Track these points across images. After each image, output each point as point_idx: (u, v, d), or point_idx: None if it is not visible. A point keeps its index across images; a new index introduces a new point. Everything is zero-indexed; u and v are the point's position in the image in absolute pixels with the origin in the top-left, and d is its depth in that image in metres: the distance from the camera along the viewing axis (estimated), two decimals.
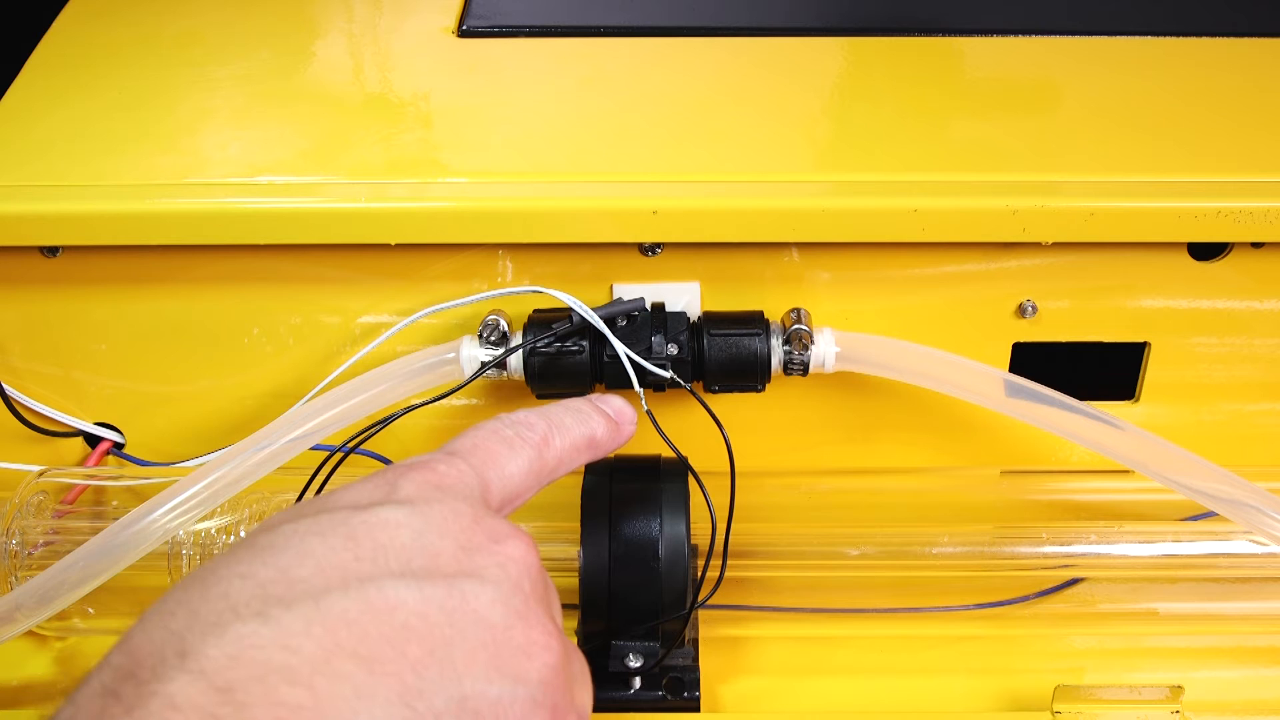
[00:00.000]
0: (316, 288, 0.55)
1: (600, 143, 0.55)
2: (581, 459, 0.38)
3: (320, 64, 0.62)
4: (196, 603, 0.27)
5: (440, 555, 0.30)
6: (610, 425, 0.39)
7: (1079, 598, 0.54)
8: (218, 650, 0.26)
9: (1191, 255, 0.54)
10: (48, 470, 0.55)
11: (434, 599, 0.29)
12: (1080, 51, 0.62)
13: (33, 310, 0.56)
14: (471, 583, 0.30)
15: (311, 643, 0.26)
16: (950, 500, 0.56)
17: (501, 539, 0.31)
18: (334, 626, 0.27)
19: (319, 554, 0.29)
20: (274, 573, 0.28)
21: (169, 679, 0.25)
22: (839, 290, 0.55)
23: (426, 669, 0.28)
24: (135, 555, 0.48)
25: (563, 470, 0.38)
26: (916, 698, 0.53)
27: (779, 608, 0.54)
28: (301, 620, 0.27)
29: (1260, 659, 0.55)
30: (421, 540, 0.30)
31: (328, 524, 0.30)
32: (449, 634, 0.28)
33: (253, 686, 0.25)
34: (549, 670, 0.30)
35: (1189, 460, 0.49)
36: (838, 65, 0.62)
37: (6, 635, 0.49)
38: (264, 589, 0.28)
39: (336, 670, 0.26)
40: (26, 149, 0.55)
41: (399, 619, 0.28)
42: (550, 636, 0.30)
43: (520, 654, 0.29)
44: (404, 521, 0.30)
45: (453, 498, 0.32)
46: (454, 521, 0.31)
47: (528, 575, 0.31)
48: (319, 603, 0.27)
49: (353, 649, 0.27)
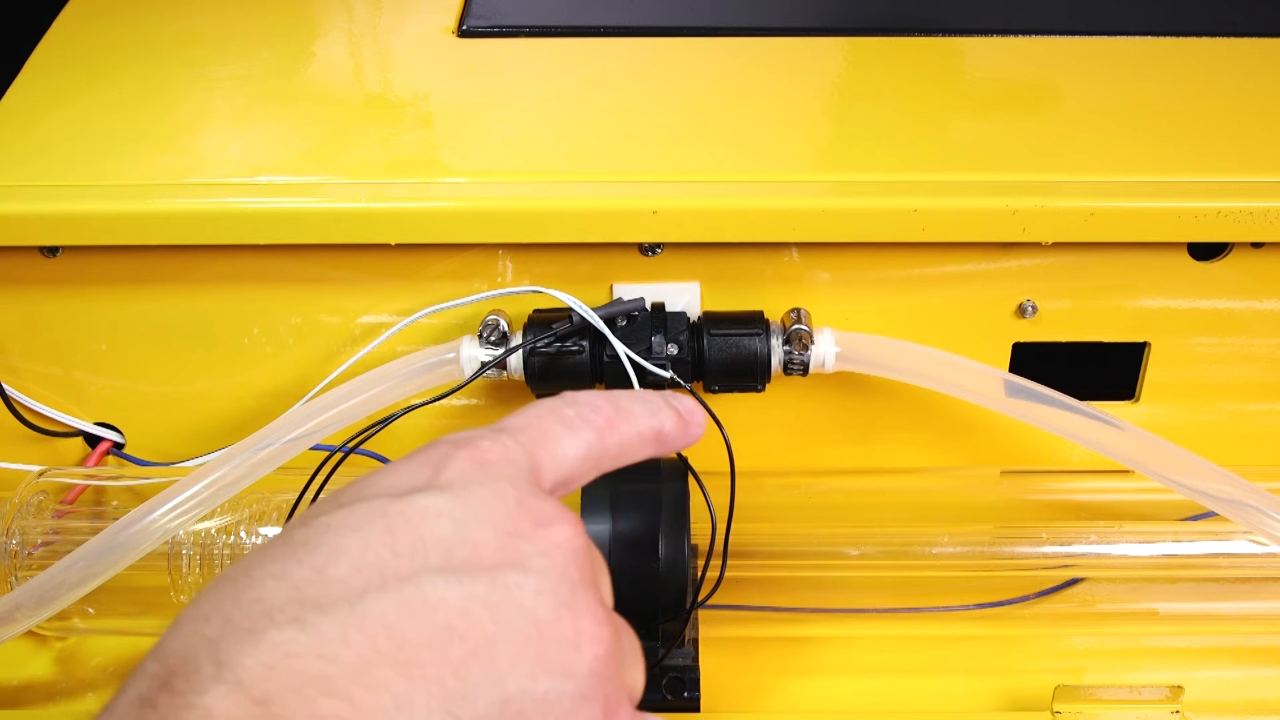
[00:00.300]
0: (316, 288, 0.55)
1: (600, 143, 0.55)
2: (645, 452, 0.36)
3: (320, 64, 0.62)
4: (230, 608, 0.27)
5: (482, 545, 0.29)
6: (680, 422, 0.37)
7: (1079, 598, 0.54)
8: (254, 660, 0.25)
9: (1191, 255, 0.54)
10: (48, 470, 0.55)
11: (476, 594, 0.28)
12: (1080, 51, 0.62)
13: (33, 310, 0.56)
14: (515, 574, 0.28)
15: (350, 650, 0.26)
16: (950, 500, 0.56)
17: (547, 522, 0.30)
18: (372, 631, 0.26)
19: (355, 551, 0.28)
20: (309, 572, 0.27)
21: (205, 690, 0.25)
22: (839, 290, 0.55)
23: (469, 670, 0.27)
24: (135, 555, 0.48)
25: (624, 459, 0.35)
26: (916, 698, 0.53)
27: (779, 608, 0.54)
28: (339, 626, 0.26)
29: (1260, 659, 0.55)
30: (462, 530, 0.29)
31: (364, 516, 0.29)
32: (492, 631, 0.27)
33: (290, 698, 0.25)
34: (598, 661, 0.28)
35: (1189, 460, 0.49)
36: (838, 65, 0.62)
37: (6, 635, 0.49)
38: (299, 591, 0.27)
39: (375, 679, 0.26)
40: (26, 149, 0.55)
41: (439, 619, 0.27)
42: (599, 625, 0.29)
43: (568, 647, 0.28)
44: (444, 510, 0.29)
45: (496, 479, 0.30)
46: (497, 506, 0.30)
47: (574, 560, 0.30)
48: (355, 606, 0.26)
49: (392, 655, 0.26)
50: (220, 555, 0.52)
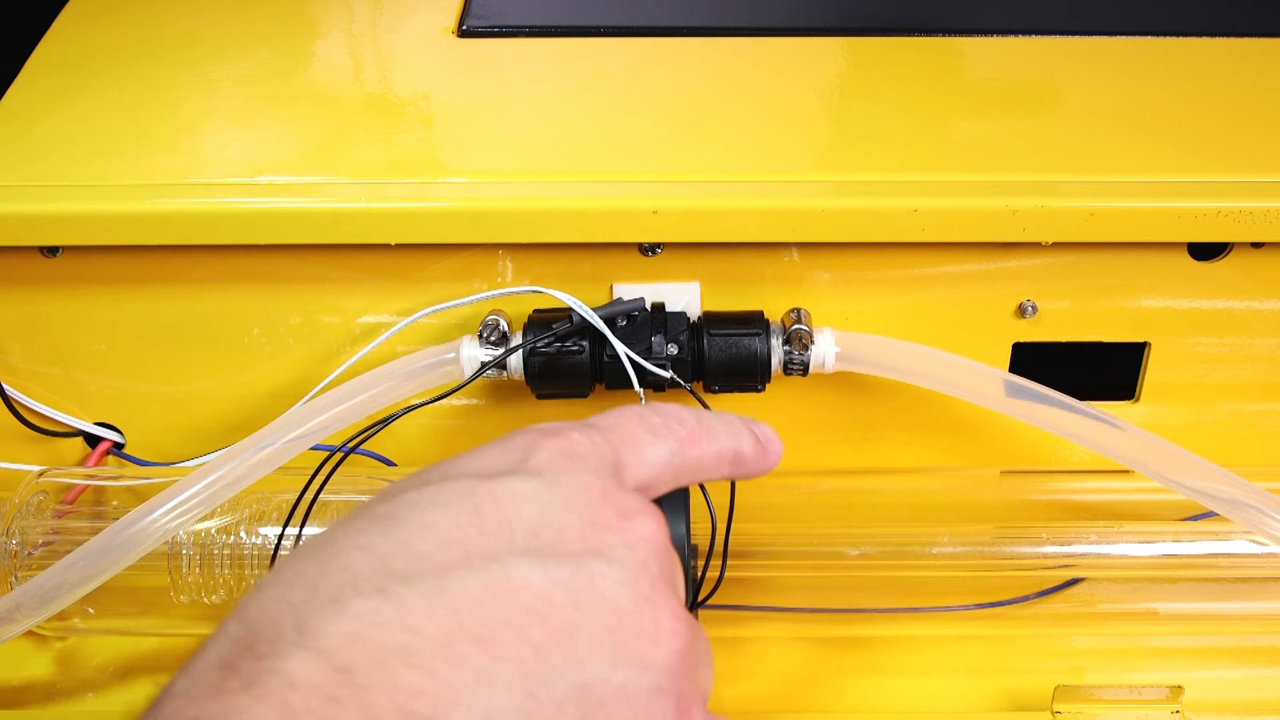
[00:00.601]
0: (316, 288, 0.55)
1: (600, 143, 0.55)
2: (723, 472, 0.36)
3: (320, 64, 0.62)
4: (314, 575, 0.27)
5: (567, 531, 0.29)
6: (758, 447, 0.37)
7: (1079, 598, 0.54)
8: (336, 627, 0.25)
9: (1191, 255, 0.54)
10: (48, 470, 0.55)
11: (559, 580, 0.28)
12: (1080, 51, 0.62)
13: (33, 310, 0.56)
14: (598, 563, 0.28)
15: (433, 624, 0.26)
16: (950, 500, 0.56)
17: (630, 515, 0.30)
18: (456, 607, 0.26)
19: (442, 527, 0.28)
20: (395, 545, 0.27)
21: (287, 655, 0.25)
22: (839, 290, 0.55)
23: (549, 654, 0.27)
24: (135, 555, 0.48)
25: (702, 476, 0.36)
26: (916, 698, 0.53)
27: (779, 608, 0.54)
28: (423, 599, 0.26)
29: (1260, 659, 0.55)
30: (548, 515, 0.29)
31: (452, 494, 0.29)
32: (573, 617, 0.27)
33: (372, 668, 0.25)
34: (675, 656, 0.29)
35: (1189, 460, 0.49)
36: (838, 65, 0.62)
37: (6, 635, 0.49)
38: (385, 562, 0.27)
39: (457, 654, 0.26)
40: (26, 149, 0.55)
41: (523, 600, 0.27)
42: (678, 621, 0.29)
43: (646, 640, 0.28)
44: (531, 494, 0.29)
45: (583, 470, 0.31)
46: (582, 495, 0.30)
47: (655, 555, 0.30)
48: (441, 581, 0.26)
49: (475, 631, 0.26)
50: (220, 555, 0.52)
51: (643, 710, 0.28)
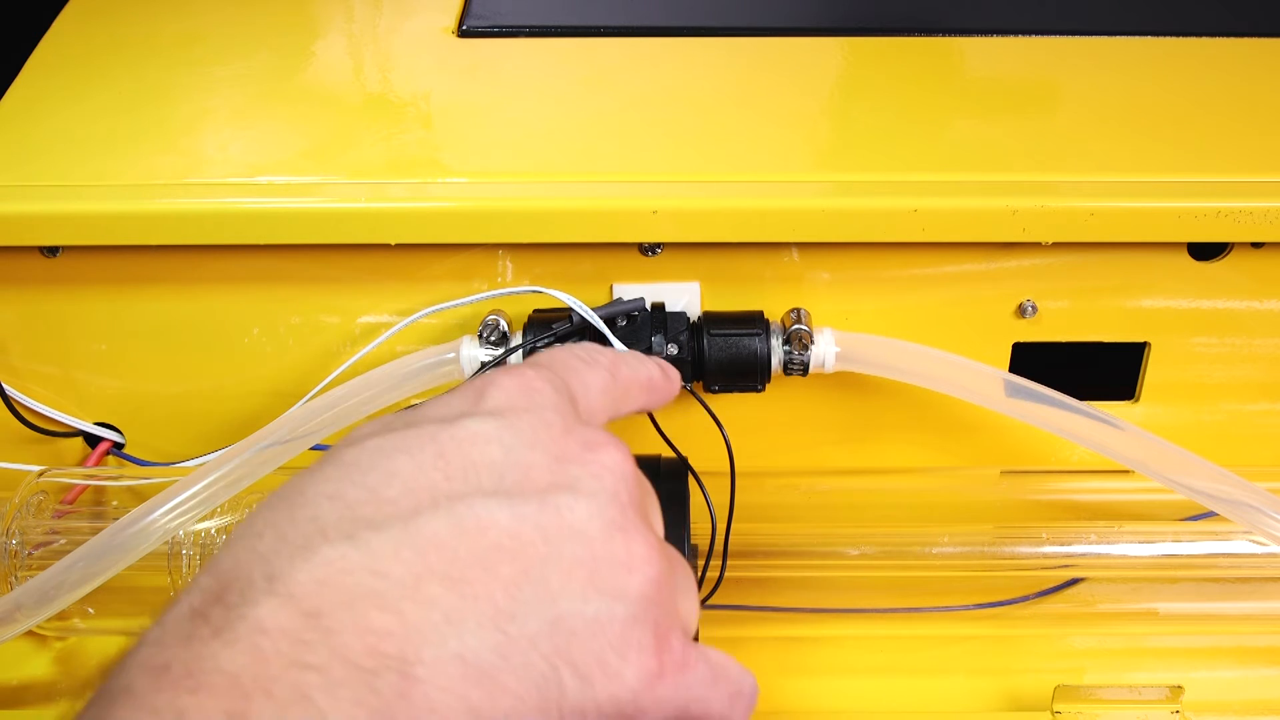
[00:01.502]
0: (316, 288, 0.55)
1: (600, 143, 0.55)
2: (641, 400, 0.37)
3: (320, 64, 0.62)
4: (284, 524, 0.27)
5: (533, 469, 0.29)
6: (663, 375, 0.38)
7: (1079, 598, 0.54)
8: (306, 574, 0.25)
9: (1191, 255, 0.54)
10: (48, 470, 0.55)
11: (527, 516, 0.28)
12: (1080, 51, 0.62)
13: (33, 310, 0.56)
14: (566, 496, 0.29)
15: (401, 566, 0.26)
16: (950, 500, 0.56)
17: (595, 447, 0.30)
18: (424, 549, 0.26)
19: (407, 473, 0.28)
20: (363, 493, 0.27)
21: (257, 602, 0.25)
22: (839, 290, 0.55)
23: (519, 589, 0.27)
24: (135, 555, 0.48)
25: (628, 404, 0.36)
26: (916, 698, 0.53)
27: (779, 608, 0.54)
28: (391, 543, 0.26)
29: (1260, 659, 0.55)
30: (513, 455, 0.29)
31: (415, 440, 0.29)
32: (543, 552, 0.27)
33: (341, 612, 0.25)
34: (650, 584, 0.29)
35: (1189, 460, 0.49)
36: (838, 65, 0.62)
37: (6, 635, 0.49)
38: (352, 510, 0.27)
39: (425, 595, 0.26)
40: (26, 149, 0.55)
41: (490, 539, 0.27)
42: (650, 548, 0.29)
43: (620, 568, 0.28)
44: (494, 435, 0.29)
45: (541, 406, 0.31)
46: (544, 431, 0.30)
47: (624, 484, 0.30)
48: (408, 525, 0.27)
49: (443, 572, 0.26)
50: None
51: (618, 639, 0.28)
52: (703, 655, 0.30)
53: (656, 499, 0.33)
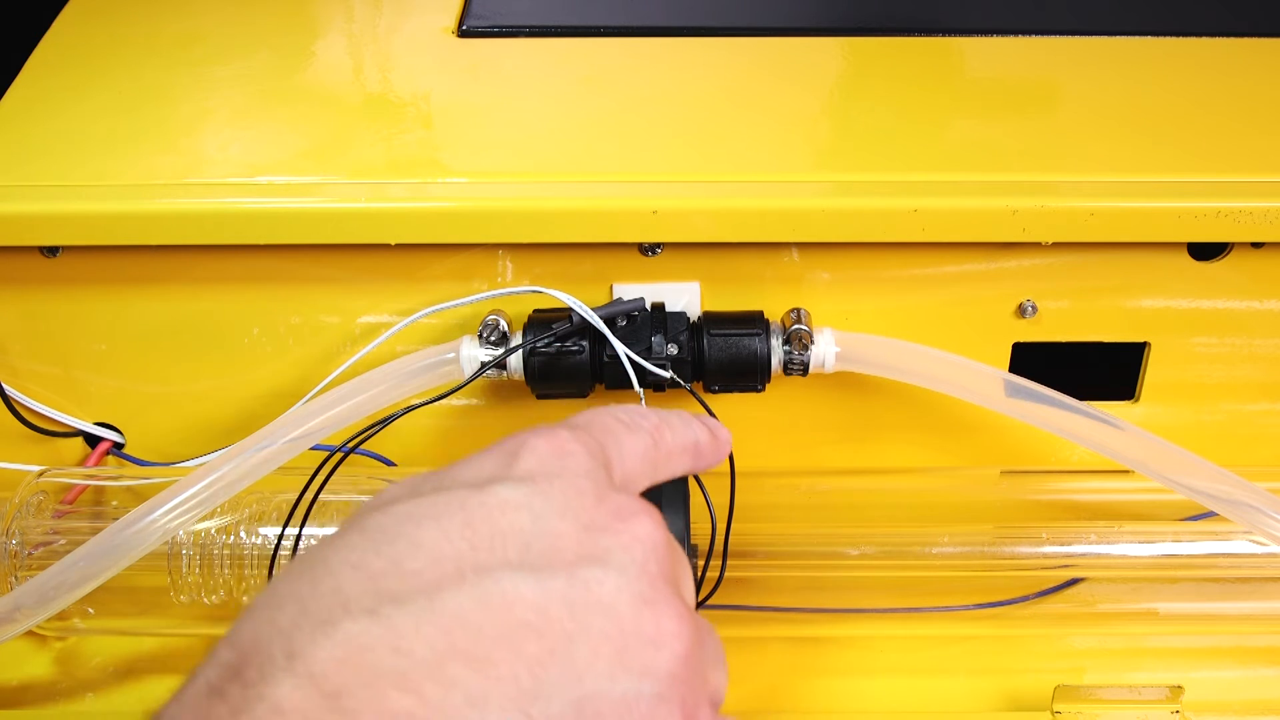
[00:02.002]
0: (316, 288, 0.55)
1: (600, 143, 0.55)
2: (684, 465, 0.36)
3: (320, 64, 0.62)
4: (306, 596, 0.26)
5: (561, 539, 0.28)
6: (712, 439, 0.37)
7: (1079, 598, 0.54)
8: (326, 652, 0.25)
9: (1191, 255, 0.54)
10: (48, 470, 0.55)
11: (554, 591, 0.27)
12: (1080, 51, 0.62)
13: (33, 310, 0.56)
14: (595, 569, 0.28)
15: (423, 644, 0.25)
16: (950, 500, 0.56)
17: (626, 516, 0.30)
18: (448, 626, 0.26)
19: (433, 542, 0.27)
20: (386, 564, 0.27)
21: (276, 681, 0.24)
22: (839, 290, 0.55)
23: (545, 669, 0.26)
24: (135, 555, 0.48)
25: (671, 468, 0.36)
26: (916, 698, 0.53)
27: (779, 608, 0.54)
28: (414, 619, 0.26)
29: (1260, 659, 0.55)
30: (541, 523, 0.28)
31: (443, 507, 0.28)
32: (570, 628, 0.27)
33: (361, 692, 0.24)
34: (678, 661, 0.28)
35: (1189, 460, 0.49)
36: (838, 65, 0.62)
37: (6, 635, 0.49)
38: (376, 582, 0.26)
39: (448, 675, 0.25)
40: (26, 149, 0.55)
41: (517, 615, 0.26)
42: (681, 623, 0.28)
43: (648, 645, 0.28)
44: (523, 502, 0.29)
45: (574, 472, 0.30)
46: (576, 500, 0.29)
47: (654, 555, 0.29)
48: (433, 600, 0.26)
49: (466, 650, 0.26)
50: (220, 555, 0.52)
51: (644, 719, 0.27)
52: None
53: (688, 565, 0.33)
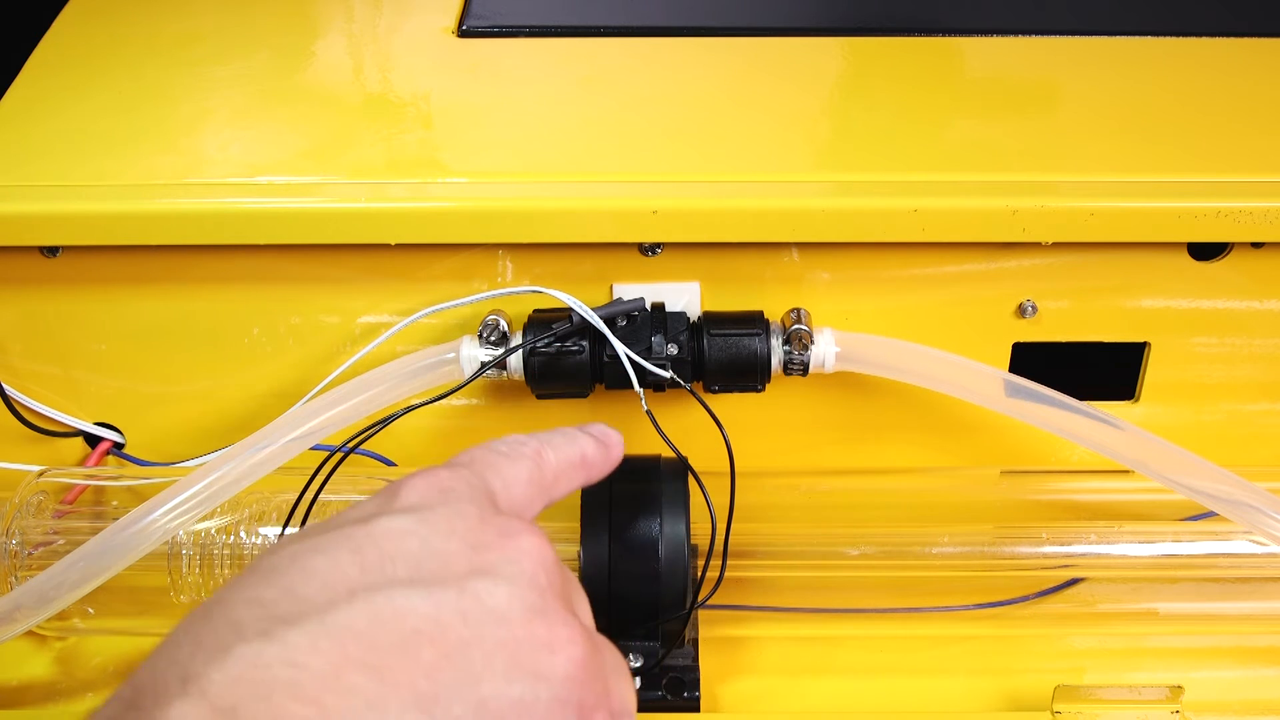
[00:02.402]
0: (316, 288, 0.55)
1: (600, 143, 0.55)
2: (577, 478, 0.37)
3: (320, 64, 0.62)
4: (202, 632, 0.27)
5: (450, 557, 0.29)
6: (598, 445, 0.38)
7: (1079, 598, 0.54)
8: (220, 674, 0.25)
9: (1191, 255, 0.54)
10: (48, 470, 0.55)
11: (446, 602, 0.28)
12: (1080, 51, 0.62)
13: (33, 310, 0.56)
14: (485, 581, 0.29)
15: (319, 658, 0.26)
16: (950, 500, 0.56)
17: (512, 534, 0.30)
18: (342, 639, 0.26)
19: (324, 570, 0.28)
20: (278, 593, 0.27)
21: (169, 704, 0.25)
22: (839, 290, 0.55)
23: (442, 673, 0.27)
24: (135, 555, 0.48)
25: (561, 487, 0.37)
26: (916, 698, 0.53)
27: (779, 608, 0.54)
28: (307, 636, 0.26)
29: (1260, 659, 0.55)
30: (429, 545, 0.29)
31: (331, 541, 0.29)
32: (465, 635, 0.27)
33: (256, 705, 0.25)
34: (574, 665, 0.29)
35: (1189, 460, 0.49)
36: (838, 65, 0.62)
37: (6, 635, 0.49)
38: (269, 610, 0.27)
39: (346, 684, 0.25)
40: (26, 149, 0.55)
41: (409, 625, 0.27)
42: (573, 630, 0.29)
43: (542, 649, 0.28)
44: (410, 529, 0.29)
45: (458, 500, 0.31)
46: (460, 523, 0.30)
47: (543, 569, 0.30)
48: (325, 617, 0.26)
49: (361, 660, 0.26)
50: (220, 555, 0.52)
51: None
52: None
53: (583, 592, 0.33)
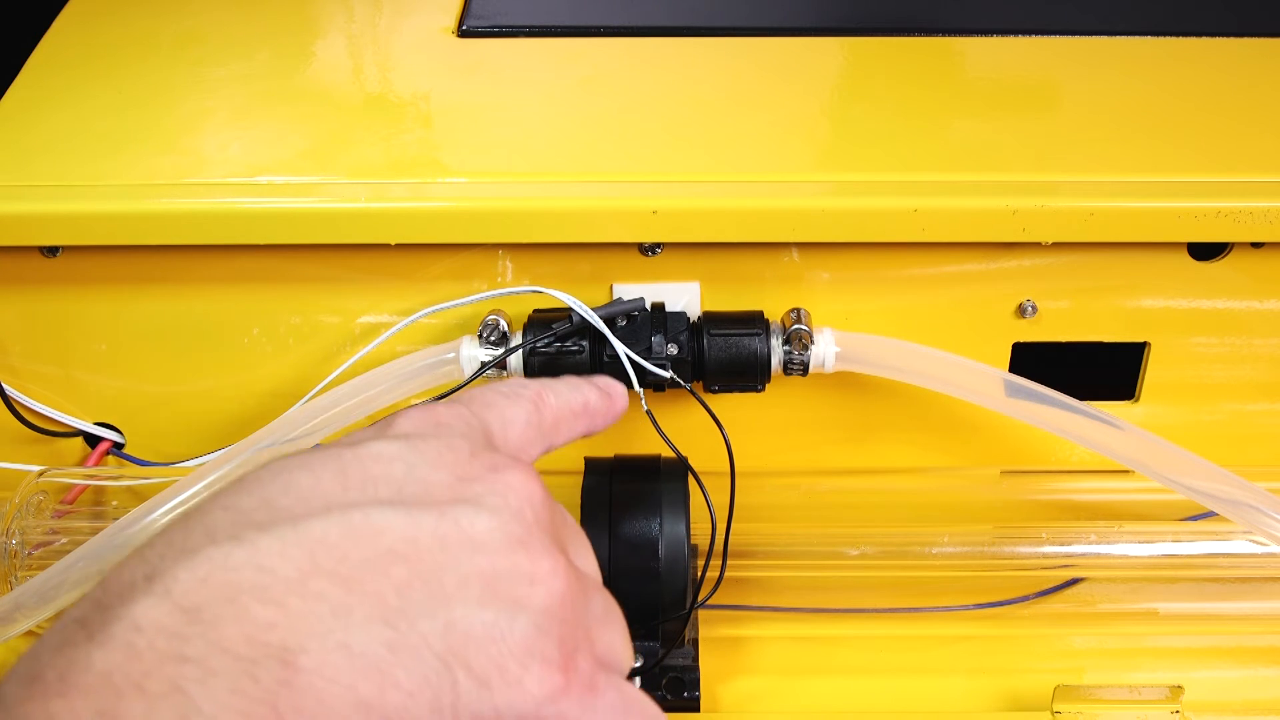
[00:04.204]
0: (316, 288, 0.55)
1: (600, 143, 0.55)
2: (578, 426, 0.37)
3: (320, 64, 0.62)
4: (176, 535, 0.27)
5: (434, 485, 0.29)
6: (602, 395, 0.38)
7: (1079, 598, 0.54)
8: (188, 573, 0.25)
9: (1191, 255, 0.54)
10: (48, 470, 0.55)
11: (424, 524, 0.27)
12: (1080, 51, 0.62)
13: (33, 310, 0.56)
14: (467, 509, 0.28)
15: (287, 564, 0.26)
16: (950, 500, 0.56)
17: (500, 469, 0.30)
18: (312, 548, 0.26)
19: (304, 484, 0.28)
20: (256, 502, 0.27)
21: (134, 601, 0.25)
22: (839, 290, 0.55)
23: (411, 590, 0.26)
24: None
25: (561, 433, 0.36)
26: (916, 698, 0.53)
27: (779, 608, 0.54)
28: (278, 541, 0.26)
29: (1260, 659, 0.55)
30: (415, 472, 0.29)
31: (318, 459, 0.29)
32: (440, 559, 0.27)
33: (221, 606, 0.25)
34: (554, 598, 0.28)
35: (1189, 460, 0.49)
36: (838, 65, 0.62)
37: (6, 635, 0.49)
38: (244, 516, 0.27)
39: (312, 590, 0.25)
40: (26, 149, 0.55)
41: (384, 543, 0.27)
42: (557, 564, 0.28)
43: (522, 580, 0.28)
44: (397, 455, 0.29)
45: (449, 433, 0.31)
46: (450, 454, 0.30)
47: (529, 504, 0.29)
48: (297, 525, 0.26)
49: (331, 570, 0.26)
50: None
51: (519, 647, 0.27)
52: (615, 684, 0.30)
53: (584, 537, 0.33)
